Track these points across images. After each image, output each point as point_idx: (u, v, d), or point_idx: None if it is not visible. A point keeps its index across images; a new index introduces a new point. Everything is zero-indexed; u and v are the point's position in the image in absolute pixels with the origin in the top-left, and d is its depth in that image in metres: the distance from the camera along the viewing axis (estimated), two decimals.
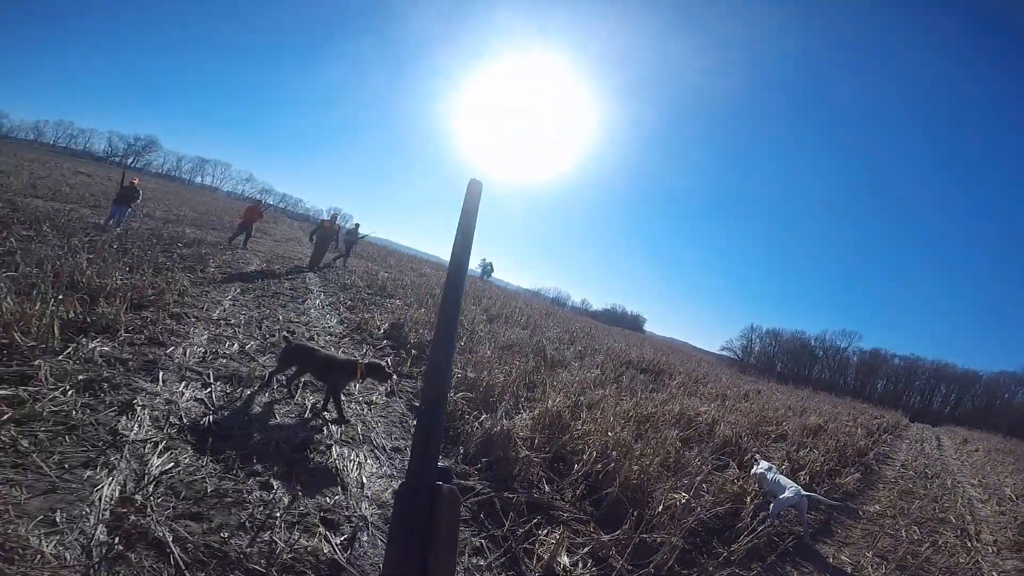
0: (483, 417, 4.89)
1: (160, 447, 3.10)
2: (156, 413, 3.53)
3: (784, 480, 5.16)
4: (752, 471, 5.62)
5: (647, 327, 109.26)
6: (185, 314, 6.04)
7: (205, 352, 5.02)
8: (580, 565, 3.30)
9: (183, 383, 4.15)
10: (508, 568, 3.07)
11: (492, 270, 34.82)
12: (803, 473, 6.62)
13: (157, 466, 2.90)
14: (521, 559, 3.18)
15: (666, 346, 39.40)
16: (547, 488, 4.21)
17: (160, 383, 4.00)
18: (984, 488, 9.68)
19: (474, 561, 3.05)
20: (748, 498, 5.14)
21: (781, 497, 4.93)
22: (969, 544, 5.85)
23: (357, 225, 17.52)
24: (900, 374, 74.26)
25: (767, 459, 6.01)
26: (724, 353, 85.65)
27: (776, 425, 9.28)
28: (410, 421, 4.79)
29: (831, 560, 4.62)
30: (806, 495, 4.97)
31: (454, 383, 5.75)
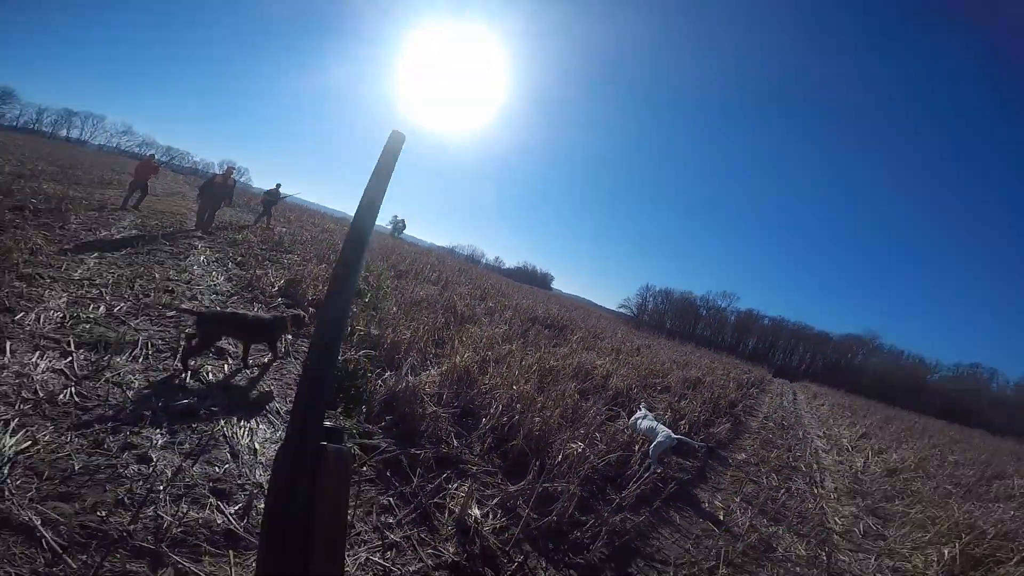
0: (387, 375, 4.80)
1: (12, 425, 2.74)
2: (4, 388, 3.10)
3: (658, 426, 5.53)
4: (631, 420, 5.99)
5: (554, 285, 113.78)
6: (38, 275, 5.29)
7: (64, 317, 4.44)
8: (491, 516, 3.39)
9: (37, 353, 3.66)
10: (419, 523, 3.09)
11: (404, 227, 33.98)
12: (683, 422, 7.26)
13: (10, 446, 2.57)
14: (432, 514, 3.21)
15: (571, 303, 40.75)
16: (456, 443, 4.25)
17: (7, 354, 3.51)
18: (828, 439, 11.14)
19: (384, 519, 3.04)
20: (636, 446, 5.55)
21: (656, 441, 5.29)
22: (816, 491, 6.55)
23: (278, 185, 16.17)
24: (768, 333, 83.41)
25: (651, 409, 6.44)
26: (622, 310, 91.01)
27: (662, 377, 10.08)
28: None
29: (706, 505, 5.12)
30: (677, 438, 5.36)
31: (356, 341, 5.58)
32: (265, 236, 12.69)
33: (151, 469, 2.79)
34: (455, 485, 3.58)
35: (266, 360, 4.97)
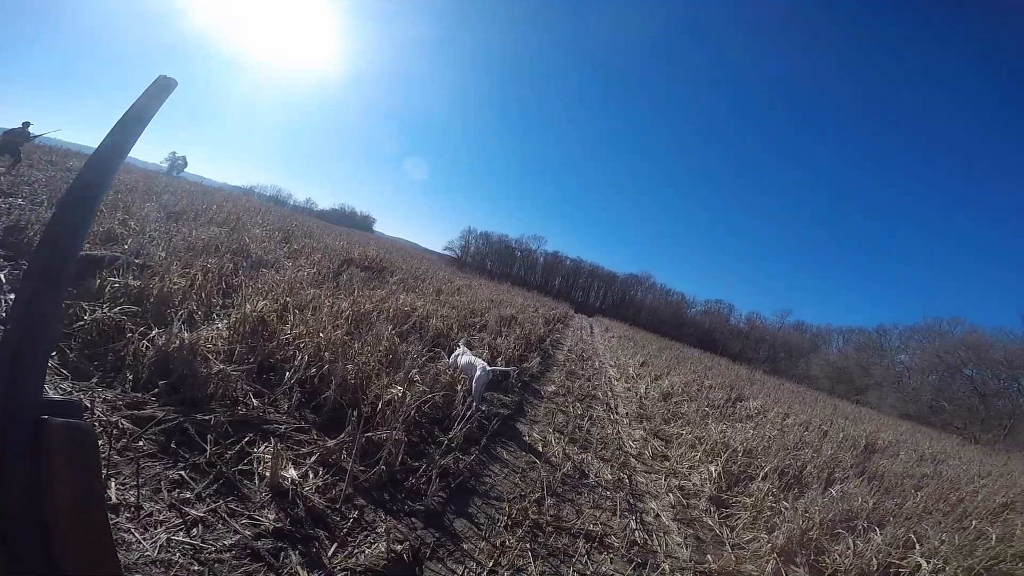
0: (155, 333, 3.87)
1: None
2: None
3: (476, 360, 5.55)
4: (451, 358, 5.96)
5: (376, 227, 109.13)
6: None
7: None
8: (311, 475, 3.08)
9: None
10: (225, 494, 2.66)
11: (185, 164, 29.84)
12: (500, 359, 7.47)
13: None
14: (239, 482, 2.79)
15: (393, 246, 39.62)
16: (255, 402, 3.72)
17: None
18: (618, 368, 12.61)
19: (179, 495, 2.52)
20: (459, 385, 5.51)
21: (476, 376, 5.31)
22: (612, 416, 7.35)
23: (26, 124, 12.49)
24: (570, 273, 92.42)
25: (471, 347, 6.44)
26: (447, 252, 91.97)
27: (480, 316, 10.25)
28: None
29: (527, 438, 5.32)
30: (491, 369, 5.45)
31: (109, 296, 4.39)
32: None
33: None
34: (262, 448, 3.14)
35: None
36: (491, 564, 2.98)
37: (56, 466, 0.51)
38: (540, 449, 5.06)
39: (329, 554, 2.57)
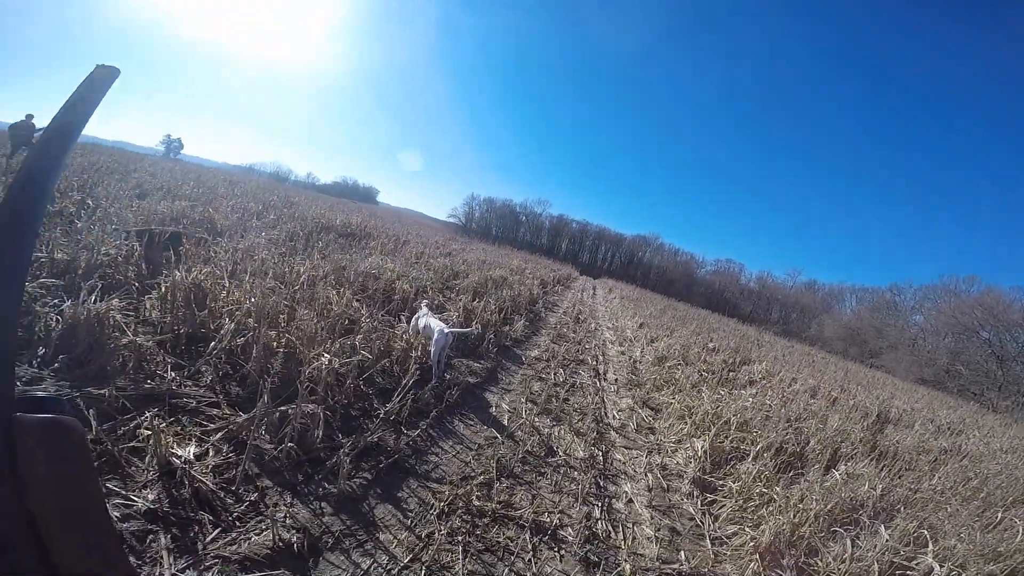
0: (65, 304, 3.42)
1: None
2: None
3: (434, 322, 5.05)
4: (412, 321, 5.44)
5: (381, 199, 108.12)
6: None
7: None
8: (212, 452, 2.77)
9: None
10: (107, 472, 2.39)
11: (181, 146, 29.74)
12: (475, 321, 6.85)
13: None
14: (126, 460, 2.47)
15: (397, 216, 39.13)
16: (172, 375, 3.36)
17: None
18: (614, 331, 11.90)
19: None
20: (414, 352, 4.99)
21: (434, 339, 4.83)
22: (598, 384, 6.62)
23: (29, 116, 12.14)
24: (577, 235, 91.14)
25: (434, 307, 5.82)
26: (451, 220, 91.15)
27: (464, 279, 9.57)
28: None
29: (493, 409, 4.79)
30: (449, 331, 4.95)
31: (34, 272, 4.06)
32: None
33: None
34: (163, 424, 2.79)
35: None
36: (407, 559, 2.49)
37: (35, 465, 0.50)
38: (504, 422, 4.52)
39: (207, 540, 2.24)
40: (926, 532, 3.25)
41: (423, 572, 2.44)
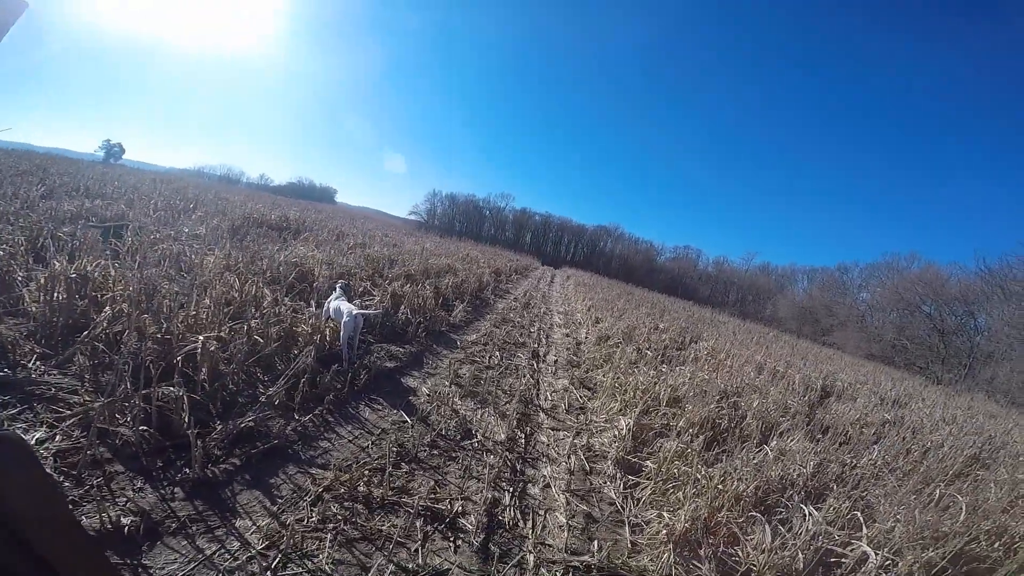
0: None
1: None
2: None
3: (344, 305, 4.72)
4: (325, 305, 5.09)
5: (340, 198, 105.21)
6: None
7: None
8: (60, 438, 2.57)
9: None
10: None
11: (122, 151, 28.85)
12: (403, 308, 6.51)
13: None
14: None
15: (351, 214, 38.13)
16: (37, 364, 3.21)
17: None
18: (564, 314, 11.64)
19: None
20: (318, 335, 4.66)
21: (343, 322, 4.53)
22: (535, 365, 6.32)
23: None
24: (540, 228, 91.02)
25: (349, 290, 5.34)
26: (412, 217, 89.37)
27: (403, 267, 9.10)
28: None
29: (410, 395, 4.45)
30: (359, 313, 4.63)
31: None
32: None
33: None
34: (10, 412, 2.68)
35: None
36: (262, 546, 2.20)
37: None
38: (418, 405, 4.20)
39: None
40: (859, 514, 3.03)
41: (277, 559, 2.15)
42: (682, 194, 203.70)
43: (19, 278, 4.16)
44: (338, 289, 5.15)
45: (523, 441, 4.00)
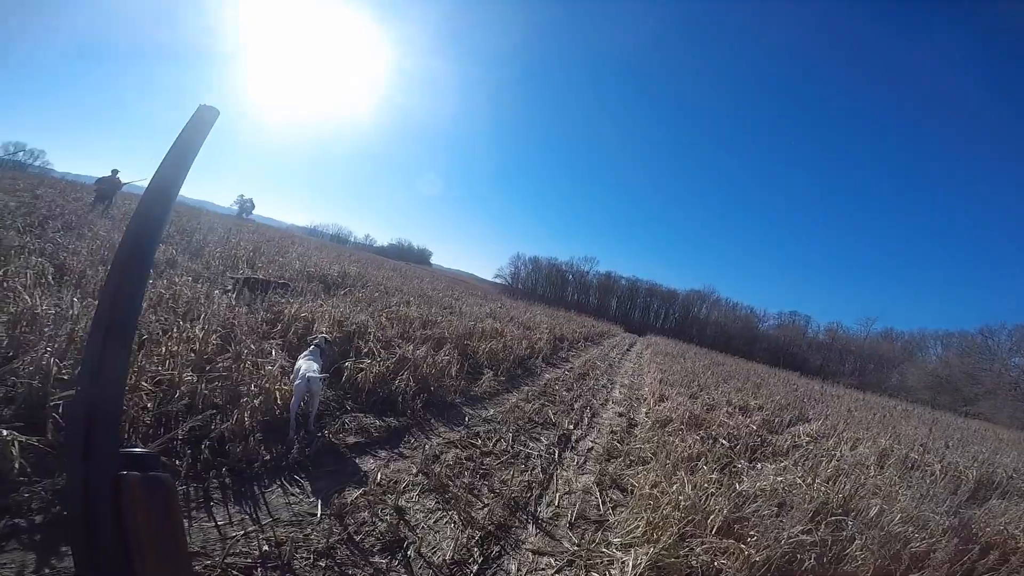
0: None
1: None
2: None
3: (305, 363, 3.93)
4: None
5: (435, 260, 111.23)
6: None
7: None
8: None
9: None
10: None
11: (253, 206, 32.71)
12: (404, 373, 5.34)
13: None
14: None
15: (444, 275, 39.16)
16: None
17: None
18: (628, 388, 10.01)
19: None
20: (260, 398, 3.74)
21: (295, 385, 3.76)
22: (559, 455, 4.86)
23: (115, 171, 13.27)
24: (626, 293, 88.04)
25: (323, 348, 4.54)
26: (498, 280, 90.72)
27: (435, 328, 7.97)
28: None
29: (351, 487, 3.30)
30: (311, 376, 3.77)
31: None
32: None
33: None
34: None
35: None
36: None
37: (138, 520, 0.51)
38: (351, 497, 3.08)
39: None
40: None
41: None
42: (785, 255, 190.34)
43: None
44: (312, 346, 4.37)
45: (474, 569, 2.74)
